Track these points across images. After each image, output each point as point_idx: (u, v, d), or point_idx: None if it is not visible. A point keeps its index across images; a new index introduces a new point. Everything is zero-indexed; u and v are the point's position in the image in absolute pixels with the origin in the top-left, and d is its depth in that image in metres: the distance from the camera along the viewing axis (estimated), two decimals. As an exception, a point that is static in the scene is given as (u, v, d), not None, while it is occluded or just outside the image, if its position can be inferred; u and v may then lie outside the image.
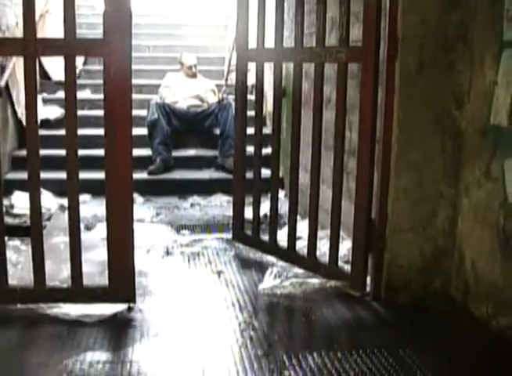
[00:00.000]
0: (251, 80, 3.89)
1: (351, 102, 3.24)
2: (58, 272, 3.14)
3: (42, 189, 3.27)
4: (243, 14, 3.77)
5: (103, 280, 2.96)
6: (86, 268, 2.99)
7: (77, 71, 6.81)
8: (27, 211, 4.56)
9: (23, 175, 4.49)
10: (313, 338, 2.79)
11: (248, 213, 3.93)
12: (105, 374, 2.34)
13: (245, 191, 3.94)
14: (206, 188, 5.38)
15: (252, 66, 3.81)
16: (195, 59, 6.27)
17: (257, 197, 3.84)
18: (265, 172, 3.84)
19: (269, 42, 3.62)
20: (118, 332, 2.73)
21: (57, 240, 3.30)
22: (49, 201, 4.71)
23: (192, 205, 5.15)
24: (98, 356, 2.48)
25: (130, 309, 2.93)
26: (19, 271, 3.15)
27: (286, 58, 3.53)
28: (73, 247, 2.88)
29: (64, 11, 2.66)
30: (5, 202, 4.42)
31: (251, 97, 3.93)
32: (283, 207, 4.09)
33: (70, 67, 2.81)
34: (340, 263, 3.33)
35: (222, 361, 2.49)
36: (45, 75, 6.54)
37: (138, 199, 5.13)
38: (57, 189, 4.66)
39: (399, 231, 3.04)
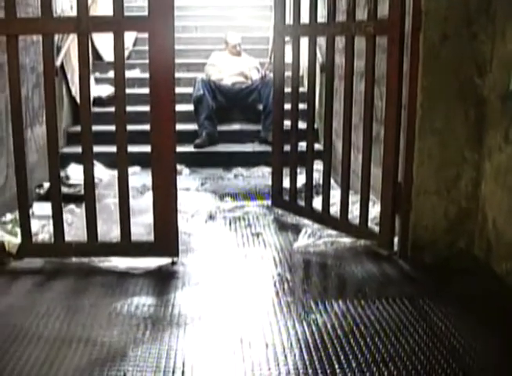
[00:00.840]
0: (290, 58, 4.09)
1: (383, 74, 3.43)
2: (108, 232, 3.44)
3: (95, 162, 3.56)
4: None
5: (150, 239, 3.25)
6: (135, 229, 3.27)
7: (128, 52, 7.17)
8: (81, 182, 4.93)
9: (78, 149, 4.86)
10: (340, 288, 3.04)
11: (287, 183, 4.16)
12: (149, 315, 2.63)
13: (284, 161, 4.17)
14: (249, 160, 5.64)
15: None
16: (239, 39, 6.51)
17: (295, 165, 4.07)
18: (303, 145, 4.05)
19: (305, 19, 3.84)
20: (162, 281, 3.03)
21: (108, 202, 3.60)
22: (101, 172, 5.03)
23: (235, 176, 5.42)
24: (143, 301, 2.78)
25: (173, 263, 3.22)
26: (74, 229, 3.46)
27: (320, 32, 3.73)
28: (122, 206, 3.17)
29: (113, -10, 2.93)
30: (62, 174, 4.76)
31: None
32: (320, 177, 4.31)
33: (118, 43, 3.08)
34: (370, 225, 3.54)
35: (255, 306, 2.76)
36: (97, 56, 6.89)
37: (184, 170, 5.43)
38: (108, 161, 4.98)
39: (424, 193, 3.23)
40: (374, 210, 3.66)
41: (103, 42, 6.79)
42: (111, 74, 6.66)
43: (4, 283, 3.00)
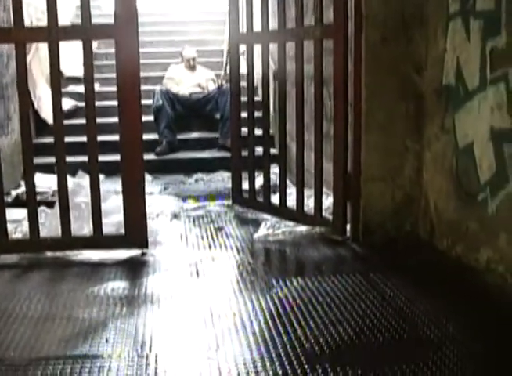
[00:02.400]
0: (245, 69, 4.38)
1: (330, 75, 3.73)
2: (79, 230, 3.64)
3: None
4: (234, 3, 4.28)
5: (121, 233, 3.48)
6: (105, 229, 3.48)
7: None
8: (47, 189, 5.09)
9: (43, 160, 5.05)
10: (299, 268, 3.32)
11: (246, 186, 4.44)
12: (125, 295, 2.86)
13: (242, 166, 4.44)
14: (209, 166, 5.90)
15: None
16: (194, 53, 6.80)
17: (253, 166, 4.34)
18: (260, 150, 4.34)
19: (258, 27, 4.14)
20: (134, 269, 3.26)
21: (79, 201, 3.81)
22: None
23: (196, 180, 5.67)
24: (118, 284, 3.01)
25: (143, 254, 3.45)
26: (47, 228, 3.66)
27: (272, 39, 4.04)
28: (93, 201, 3.39)
29: (80, 0, 3.18)
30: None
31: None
32: (277, 178, 4.59)
33: (87, 51, 3.32)
34: (324, 214, 3.83)
35: (222, 285, 3.01)
36: (57, 71, 7.06)
37: (147, 177, 5.58)
38: (71, 170, 5.17)
39: (372, 181, 3.54)
40: (328, 201, 3.95)
41: (63, 58, 6.97)
42: (71, 88, 6.95)
43: (-18, 276, 3.19)
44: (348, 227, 3.67)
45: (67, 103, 6.43)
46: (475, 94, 2.91)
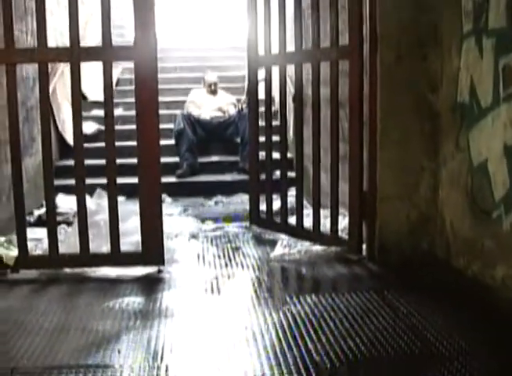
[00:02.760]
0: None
1: (347, 98, 3.77)
2: (98, 248, 3.69)
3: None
4: (253, 26, 4.36)
5: (138, 250, 3.52)
6: (123, 248, 3.53)
7: (111, 91, 7.50)
8: (68, 210, 5.17)
9: (65, 182, 5.15)
10: (313, 286, 3.33)
11: (264, 207, 4.46)
12: (139, 309, 2.90)
13: (261, 188, 4.49)
14: (229, 189, 5.95)
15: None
16: (215, 78, 6.91)
17: (271, 188, 4.37)
18: (278, 174, 4.41)
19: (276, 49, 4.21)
20: (150, 285, 3.29)
21: (98, 219, 3.87)
22: (88, 201, 5.30)
23: (216, 203, 5.72)
24: (133, 299, 3.05)
25: (160, 271, 3.48)
26: (66, 245, 3.72)
27: (289, 60, 4.10)
28: (111, 219, 3.45)
29: (102, 22, 3.27)
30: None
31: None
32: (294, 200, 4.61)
33: (107, 71, 3.40)
34: (341, 234, 3.83)
35: (236, 301, 3.05)
36: (82, 96, 7.21)
37: (167, 199, 5.72)
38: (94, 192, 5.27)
39: (388, 200, 3.55)
40: (344, 222, 3.95)
41: (87, 82, 7.13)
42: (94, 112, 7.08)
43: (2, 290, 3.24)
44: (364, 246, 3.67)
45: (91, 127, 6.55)
46: (488, 112, 2.92)
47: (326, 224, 4.01)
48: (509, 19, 2.70)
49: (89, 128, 6.57)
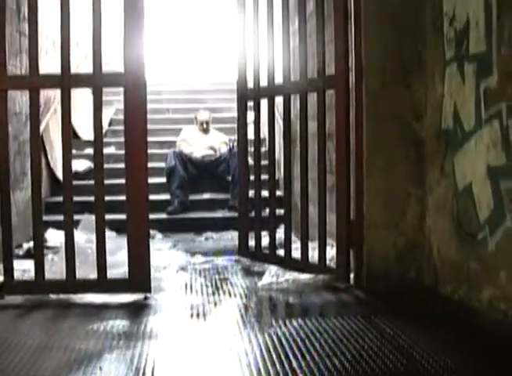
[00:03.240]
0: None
1: (334, 130, 3.81)
2: (84, 276, 3.68)
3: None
4: (242, 60, 4.45)
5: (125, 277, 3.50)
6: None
7: (104, 131, 7.57)
8: (58, 244, 5.15)
9: (55, 217, 5.14)
10: (300, 311, 3.30)
11: (252, 242, 4.48)
12: (124, 331, 2.87)
13: (250, 226, 4.52)
14: (219, 226, 5.94)
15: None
16: (207, 116, 6.97)
17: (259, 222, 4.39)
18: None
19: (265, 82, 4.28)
20: (136, 310, 3.26)
21: (85, 246, 3.87)
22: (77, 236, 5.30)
23: (206, 239, 5.71)
24: (118, 322, 3.02)
25: (146, 298, 3.45)
26: (53, 272, 3.70)
27: (277, 92, 4.17)
28: (98, 245, 3.44)
29: (93, 49, 3.34)
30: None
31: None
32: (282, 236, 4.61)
33: (97, 99, 3.45)
34: (329, 264, 3.83)
35: (221, 325, 3.01)
36: (75, 135, 7.27)
37: (157, 235, 5.71)
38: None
39: (374, 228, 3.55)
40: (332, 251, 3.95)
41: (80, 121, 7.21)
42: (87, 150, 7.12)
43: (-14, 316, 3.21)
44: (352, 275, 3.66)
45: (83, 164, 6.58)
46: (472, 135, 2.97)
47: (314, 255, 4.01)
48: (488, 43, 2.77)
49: (81, 165, 6.60)
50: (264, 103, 4.33)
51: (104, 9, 3.40)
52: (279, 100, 4.29)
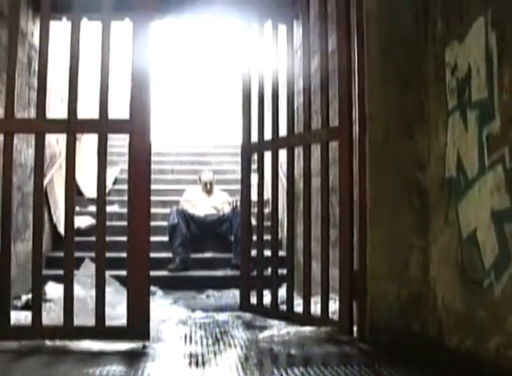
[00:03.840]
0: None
1: (337, 184, 3.82)
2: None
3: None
4: (246, 114, 4.51)
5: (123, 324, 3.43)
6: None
7: (108, 190, 7.61)
8: (57, 297, 5.08)
9: (55, 272, 5.11)
10: (302, 361, 3.20)
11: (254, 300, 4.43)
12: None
13: (251, 279, 4.51)
14: (221, 284, 5.89)
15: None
16: (211, 177, 7.02)
17: (261, 275, 4.36)
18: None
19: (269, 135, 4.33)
20: (133, 357, 3.18)
21: (84, 295, 3.81)
22: (77, 291, 5.23)
23: (207, 296, 5.64)
24: (115, 368, 2.93)
25: (145, 347, 3.37)
26: (49, 320, 3.63)
27: (281, 145, 4.20)
28: (98, 291, 3.39)
29: (99, 96, 3.39)
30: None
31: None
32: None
33: (102, 145, 3.48)
34: (331, 316, 3.76)
35: (222, 373, 2.93)
36: (78, 192, 7.31)
37: (158, 292, 5.64)
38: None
39: (378, 279, 3.51)
40: (335, 305, 3.89)
41: (85, 180, 7.25)
42: (91, 208, 7.12)
43: (-22, 361, 3.12)
44: (355, 327, 3.58)
45: (86, 221, 6.58)
46: (475, 181, 2.97)
47: (316, 309, 3.95)
48: (490, 89, 2.81)
49: (84, 222, 6.60)
50: (267, 156, 4.37)
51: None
52: (282, 160, 4.35)
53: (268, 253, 4.40)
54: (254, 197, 4.60)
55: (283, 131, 4.22)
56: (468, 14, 3.04)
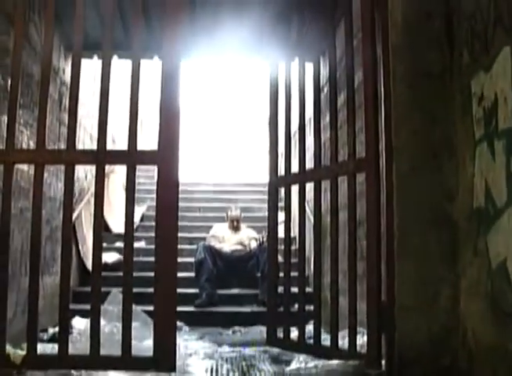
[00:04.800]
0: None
1: (365, 217, 3.81)
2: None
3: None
4: (273, 148, 4.55)
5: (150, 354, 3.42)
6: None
7: (135, 226, 7.67)
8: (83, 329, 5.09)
9: (82, 307, 5.14)
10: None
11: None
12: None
13: (279, 314, 4.46)
14: (247, 320, 5.85)
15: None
16: (238, 213, 7.04)
17: (288, 311, 4.33)
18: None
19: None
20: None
21: (111, 326, 3.81)
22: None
23: (234, 332, 5.61)
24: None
25: (171, 379, 3.36)
26: (75, 350, 3.63)
27: (308, 178, 4.22)
28: (124, 321, 3.40)
29: (128, 128, 3.45)
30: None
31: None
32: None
33: (131, 175, 3.52)
34: (359, 350, 3.70)
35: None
36: (106, 229, 7.38)
37: (184, 328, 5.62)
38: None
39: (406, 311, 3.45)
40: (362, 339, 3.84)
41: (113, 216, 7.33)
42: (118, 244, 7.18)
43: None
44: (383, 361, 3.52)
45: (112, 257, 6.62)
46: (504, 210, 2.94)
47: (344, 343, 3.90)
48: (517, 118, 2.81)
49: (111, 257, 6.64)
50: (295, 191, 4.38)
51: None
52: (309, 197, 4.37)
53: (294, 290, 4.37)
54: (281, 234, 4.60)
55: (309, 165, 4.24)
56: (493, 44, 3.06)
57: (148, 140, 7.23)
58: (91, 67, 5.48)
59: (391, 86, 3.59)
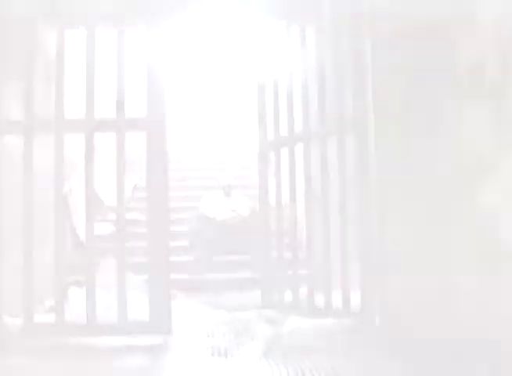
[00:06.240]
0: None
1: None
2: None
3: None
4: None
5: None
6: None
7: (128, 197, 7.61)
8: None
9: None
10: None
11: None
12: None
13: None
14: (243, 285, 5.87)
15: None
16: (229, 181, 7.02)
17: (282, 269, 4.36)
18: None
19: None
20: (156, 351, 3.19)
21: None
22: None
23: (229, 297, 5.63)
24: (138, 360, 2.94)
25: (166, 341, 3.39)
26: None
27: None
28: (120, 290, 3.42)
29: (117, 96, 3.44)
30: None
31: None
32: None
33: (120, 143, 3.51)
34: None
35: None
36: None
37: (179, 295, 5.61)
38: None
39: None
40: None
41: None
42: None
43: None
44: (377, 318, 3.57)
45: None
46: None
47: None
48: None
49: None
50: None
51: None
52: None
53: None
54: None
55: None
56: None
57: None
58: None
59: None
